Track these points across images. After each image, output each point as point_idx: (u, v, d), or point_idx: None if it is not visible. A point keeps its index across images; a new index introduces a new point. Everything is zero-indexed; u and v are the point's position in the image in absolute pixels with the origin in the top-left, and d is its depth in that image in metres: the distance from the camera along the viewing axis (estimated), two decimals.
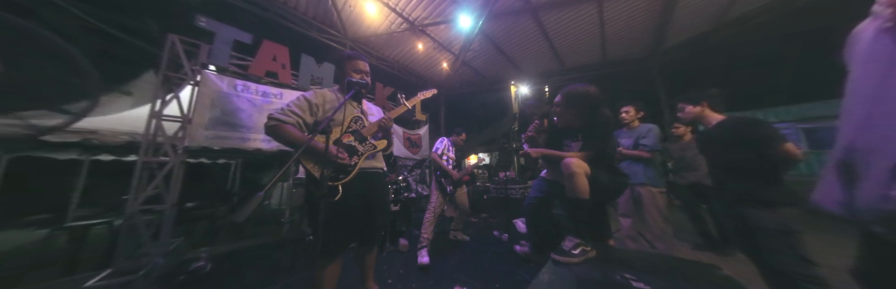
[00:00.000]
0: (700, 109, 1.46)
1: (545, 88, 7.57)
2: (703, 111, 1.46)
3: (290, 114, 1.14)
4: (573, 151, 1.32)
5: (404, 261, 2.15)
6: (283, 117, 1.12)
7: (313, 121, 1.21)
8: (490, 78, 7.59)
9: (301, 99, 1.21)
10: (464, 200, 2.62)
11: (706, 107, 1.45)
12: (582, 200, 1.12)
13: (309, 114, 1.20)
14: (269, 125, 1.11)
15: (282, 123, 1.11)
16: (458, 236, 2.68)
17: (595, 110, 1.27)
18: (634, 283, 0.85)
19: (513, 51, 6.14)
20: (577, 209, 1.15)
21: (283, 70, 3.03)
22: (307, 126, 1.20)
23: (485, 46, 5.87)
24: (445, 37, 5.34)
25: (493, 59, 6.50)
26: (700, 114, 1.46)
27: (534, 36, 5.47)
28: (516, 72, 7.21)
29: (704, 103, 1.45)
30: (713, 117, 1.44)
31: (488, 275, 1.83)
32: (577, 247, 1.08)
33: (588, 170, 1.15)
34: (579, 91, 1.27)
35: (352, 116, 1.28)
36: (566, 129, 1.39)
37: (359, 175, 1.20)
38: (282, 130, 1.11)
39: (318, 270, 1.12)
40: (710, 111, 1.45)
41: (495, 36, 5.48)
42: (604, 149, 1.26)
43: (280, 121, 1.11)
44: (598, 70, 6.71)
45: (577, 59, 6.55)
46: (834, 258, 2.02)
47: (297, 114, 1.16)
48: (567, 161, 1.15)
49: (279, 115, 1.13)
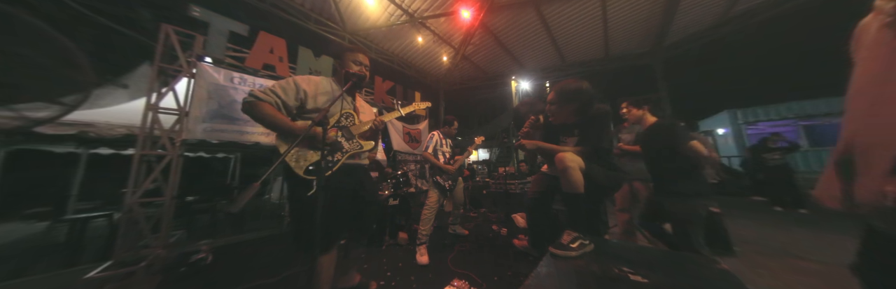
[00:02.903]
0: (641, 113, 1.72)
1: (546, 83, 7.51)
2: (643, 114, 1.72)
3: (269, 93, 1.08)
4: (568, 146, 1.32)
5: (403, 254, 2.17)
6: (260, 95, 1.06)
7: (297, 105, 1.15)
8: (490, 73, 7.51)
9: (290, 81, 1.16)
10: (460, 195, 2.62)
11: (647, 111, 1.71)
12: (576, 194, 1.13)
13: (293, 98, 1.13)
14: (246, 101, 1.06)
15: (258, 101, 1.06)
16: (457, 230, 2.70)
17: (589, 106, 1.26)
18: (632, 276, 0.86)
19: (514, 45, 6.04)
20: (573, 203, 1.16)
21: (281, 63, 2.98)
22: (287, 109, 1.13)
23: (485, 40, 5.78)
24: (445, 30, 5.25)
25: (494, 53, 6.41)
26: (641, 116, 1.73)
27: (536, 30, 5.37)
28: (517, 67, 7.13)
29: (646, 108, 1.72)
30: (649, 120, 1.70)
31: (487, 269, 1.85)
32: (575, 241, 1.08)
33: (582, 164, 1.15)
34: (572, 87, 1.26)
35: (344, 110, 1.25)
36: (561, 125, 1.38)
37: (342, 169, 1.19)
38: (258, 108, 1.05)
39: (313, 261, 1.13)
40: (649, 115, 1.71)
41: (496, 30, 5.39)
42: (599, 143, 1.26)
43: (257, 98, 1.06)
44: (600, 65, 6.63)
45: (579, 55, 6.46)
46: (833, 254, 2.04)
47: (278, 94, 1.10)
48: (560, 156, 1.15)
49: (258, 92, 1.07)
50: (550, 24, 5.17)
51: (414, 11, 4.60)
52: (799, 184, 3.99)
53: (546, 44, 5.90)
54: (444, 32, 5.34)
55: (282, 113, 1.12)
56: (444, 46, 5.86)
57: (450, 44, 5.75)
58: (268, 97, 1.08)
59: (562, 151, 1.18)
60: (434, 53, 6.13)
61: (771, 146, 4.21)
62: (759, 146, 4.41)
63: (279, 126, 1.08)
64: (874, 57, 0.55)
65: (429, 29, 5.13)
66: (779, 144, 4.19)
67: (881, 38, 0.53)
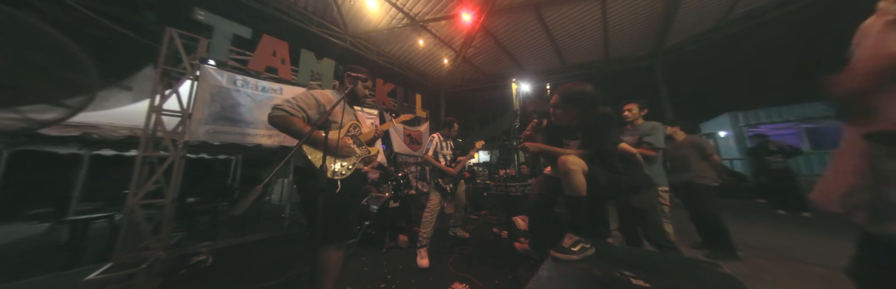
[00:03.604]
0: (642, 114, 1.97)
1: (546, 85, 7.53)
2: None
3: (297, 108, 1.19)
4: (571, 149, 1.32)
5: (403, 257, 2.16)
6: (290, 110, 1.16)
7: (317, 118, 1.27)
8: (491, 75, 7.54)
9: (310, 96, 1.26)
10: (462, 197, 2.62)
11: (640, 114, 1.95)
12: (579, 197, 1.12)
13: (315, 111, 1.24)
14: (278, 115, 1.14)
15: (290, 116, 1.16)
16: (458, 233, 2.69)
17: (592, 108, 1.26)
18: (634, 280, 0.85)
19: (514, 48, 6.07)
20: (575, 207, 1.15)
21: (283, 65, 3.00)
22: (311, 122, 1.25)
23: (486, 43, 5.81)
24: (446, 33, 5.28)
25: (495, 55, 6.44)
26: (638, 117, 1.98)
27: (536, 32, 5.40)
28: (518, 69, 7.16)
29: (646, 111, 1.95)
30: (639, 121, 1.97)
31: (487, 272, 1.84)
32: (577, 244, 1.08)
33: (585, 167, 1.14)
34: (575, 90, 1.27)
35: (350, 122, 1.39)
36: (565, 128, 1.39)
37: (354, 174, 1.32)
38: (290, 122, 1.15)
39: (321, 256, 1.17)
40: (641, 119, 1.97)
41: (497, 32, 5.42)
42: (602, 146, 1.25)
43: (288, 113, 1.15)
44: (601, 67, 6.65)
45: (579, 57, 6.48)
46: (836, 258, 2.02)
47: (304, 109, 1.21)
48: (563, 158, 1.15)
49: (288, 107, 1.16)
50: (551, 27, 5.21)
51: (415, 15, 4.64)
52: (801, 187, 3.96)
53: (546, 46, 5.93)
54: (445, 35, 5.38)
55: (308, 125, 1.24)
56: (445, 49, 5.89)
57: (451, 46, 5.79)
58: (298, 112, 1.19)
59: (565, 154, 1.18)
60: (435, 56, 6.16)
61: (773, 149, 4.20)
62: (760, 149, 4.39)
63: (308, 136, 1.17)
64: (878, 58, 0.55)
65: (430, 32, 5.17)
66: (782, 147, 4.19)
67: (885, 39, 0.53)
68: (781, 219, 3.54)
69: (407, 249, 2.36)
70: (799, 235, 2.75)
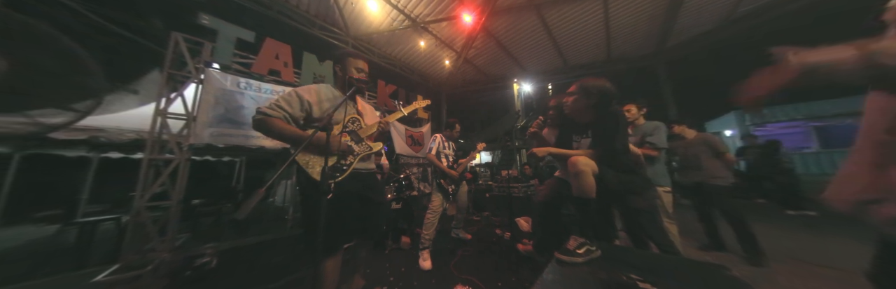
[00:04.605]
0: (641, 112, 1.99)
1: (548, 85, 7.50)
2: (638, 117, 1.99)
3: (276, 108, 1.13)
4: (582, 148, 1.31)
5: (406, 259, 2.16)
6: (268, 111, 1.11)
7: (303, 116, 1.20)
8: (492, 76, 7.53)
9: (292, 94, 1.20)
10: (464, 198, 2.61)
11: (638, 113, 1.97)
12: (588, 199, 1.10)
13: (298, 109, 1.18)
14: (256, 119, 1.11)
15: (268, 117, 1.11)
16: (460, 235, 2.68)
17: (606, 105, 1.25)
18: (641, 284, 0.84)
19: (515, 48, 6.06)
20: (583, 208, 1.14)
21: (286, 68, 3.03)
22: (296, 121, 1.18)
23: (487, 44, 5.81)
24: (447, 34, 5.29)
25: (496, 56, 6.44)
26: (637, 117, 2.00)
27: (537, 33, 5.39)
28: (519, 69, 7.14)
29: (645, 110, 1.96)
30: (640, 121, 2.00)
31: (490, 274, 1.83)
32: (582, 247, 1.06)
33: (595, 168, 1.12)
34: (597, 83, 1.27)
35: (349, 116, 1.29)
36: (575, 123, 1.38)
37: (352, 175, 1.22)
38: (268, 124, 1.10)
39: (319, 264, 1.13)
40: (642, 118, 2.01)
41: (498, 33, 5.42)
42: (613, 146, 1.23)
43: (266, 115, 1.11)
44: (602, 68, 6.61)
45: (581, 57, 6.45)
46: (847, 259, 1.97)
47: (284, 108, 1.14)
48: (573, 159, 1.13)
49: (266, 109, 1.12)
50: (552, 27, 5.19)
51: (416, 16, 4.66)
52: (805, 187, 3.91)
53: (548, 46, 5.91)
54: (446, 36, 5.39)
55: (291, 125, 1.17)
56: (447, 50, 5.90)
57: (452, 48, 5.80)
58: (276, 112, 1.12)
59: (574, 155, 1.17)
60: (436, 57, 6.18)
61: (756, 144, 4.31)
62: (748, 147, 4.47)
63: (291, 138, 1.12)
64: None
65: (431, 33, 5.19)
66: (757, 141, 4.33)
67: None
68: (782, 219, 3.47)
69: (409, 250, 2.35)
70: (804, 235, 2.69)
